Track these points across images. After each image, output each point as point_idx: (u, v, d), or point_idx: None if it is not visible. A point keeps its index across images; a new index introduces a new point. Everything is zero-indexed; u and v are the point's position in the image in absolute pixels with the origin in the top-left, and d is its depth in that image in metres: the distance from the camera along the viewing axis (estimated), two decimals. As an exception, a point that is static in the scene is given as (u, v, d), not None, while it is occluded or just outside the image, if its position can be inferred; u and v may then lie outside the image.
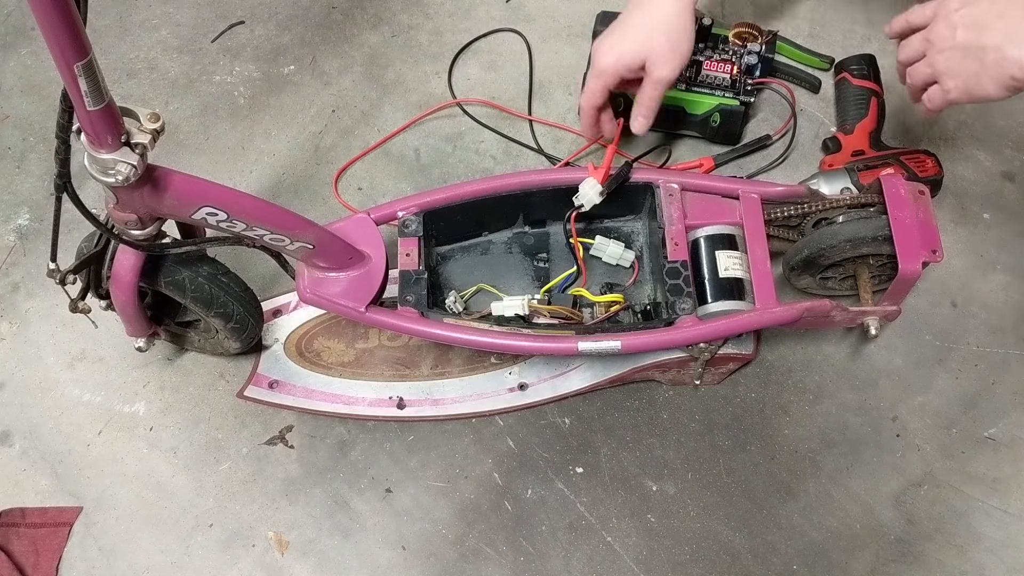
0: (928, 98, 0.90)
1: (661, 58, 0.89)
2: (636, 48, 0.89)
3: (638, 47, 0.89)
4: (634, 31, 0.90)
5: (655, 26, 0.89)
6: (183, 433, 1.05)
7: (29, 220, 1.19)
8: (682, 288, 0.92)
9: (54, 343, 1.11)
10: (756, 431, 1.05)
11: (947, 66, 0.86)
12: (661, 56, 0.89)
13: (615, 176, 0.95)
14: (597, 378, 1.04)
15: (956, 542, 0.99)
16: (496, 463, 1.03)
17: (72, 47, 0.59)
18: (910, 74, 0.91)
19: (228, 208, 0.78)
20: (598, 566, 0.98)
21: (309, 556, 0.99)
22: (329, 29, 1.33)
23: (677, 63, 0.89)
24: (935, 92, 0.89)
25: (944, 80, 0.87)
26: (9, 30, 1.34)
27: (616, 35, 0.92)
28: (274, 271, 1.09)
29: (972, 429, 1.04)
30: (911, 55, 0.90)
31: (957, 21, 0.85)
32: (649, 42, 0.89)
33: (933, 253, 0.92)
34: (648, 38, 0.89)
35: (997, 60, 0.81)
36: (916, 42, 0.89)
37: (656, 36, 0.88)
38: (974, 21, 0.83)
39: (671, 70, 0.89)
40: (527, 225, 1.05)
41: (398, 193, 1.20)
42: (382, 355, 1.07)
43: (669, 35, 0.88)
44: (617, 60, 0.90)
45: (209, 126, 1.26)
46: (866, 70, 1.20)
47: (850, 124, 1.18)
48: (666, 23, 0.88)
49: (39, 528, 1.00)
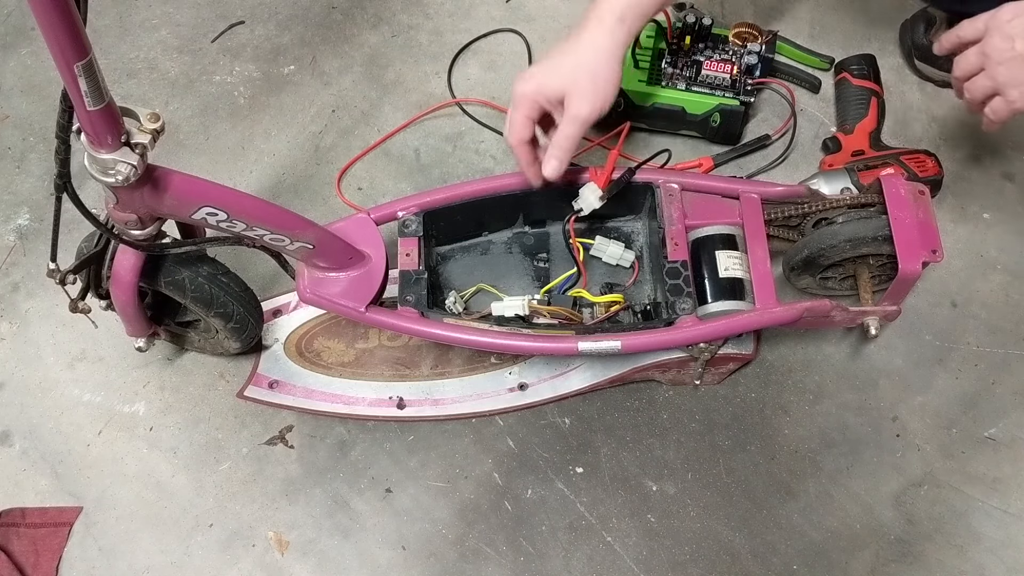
0: (992, 110, 0.90)
1: (582, 94, 0.84)
2: (557, 80, 0.85)
3: (560, 80, 0.85)
4: (558, 64, 0.86)
5: (581, 63, 0.85)
6: (183, 433, 1.05)
7: (29, 220, 1.19)
8: (682, 288, 0.92)
9: (54, 343, 1.11)
10: (756, 431, 1.05)
11: (1009, 76, 0.86)
12: (582, 92, 0.84)
13: (616, 182, 0.95)
14: (597, 378, 1.04)
15: (956, 542, 0.99)
16: (496, 463, 1.03)
17: (72, 47, 0.59)
18: (969, 88, 0.91)
19: (228, 208, 0.78)
20: (598, 566, 0.98)
21: (309, 556, 0.99)
22: (329, 29, 1.33)
23: (598, 104, 0.85)
24: (999, 103, 0.89)
25: (1007, 91, 0.87)
26: (9, 30, 1.34)
27: (538, 67, 0.88)
28: (274, 271, 1.09)
29: (972, 429, 1.04)
30: (968, 69, 0.90)
31: (1013, 32, 0.85)
32: (572, 76, 0.84)
33: (933, 253, 0.92)
34: (571, 72, 0.85)
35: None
36: (972, 56, 0.89)
37: (580, 72, 0.84)
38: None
39: (590, 109, 0.84)
40: (527, 225, 1.05)
41: (398, 193, 1.20)
42: (382, 355, 1.07)
43: (594, 75, 0.84)
44: (537, 90, 0.85)
45: (209, 126, 1.26)
46: (866, 70, 1.20)
47: (850, 124, 1.18)
48: (593, 62, 0.85)
49: (39, 528, 1.00)
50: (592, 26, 0.86)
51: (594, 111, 0.85)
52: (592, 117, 0.85)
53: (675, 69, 1.16)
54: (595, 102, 0.85)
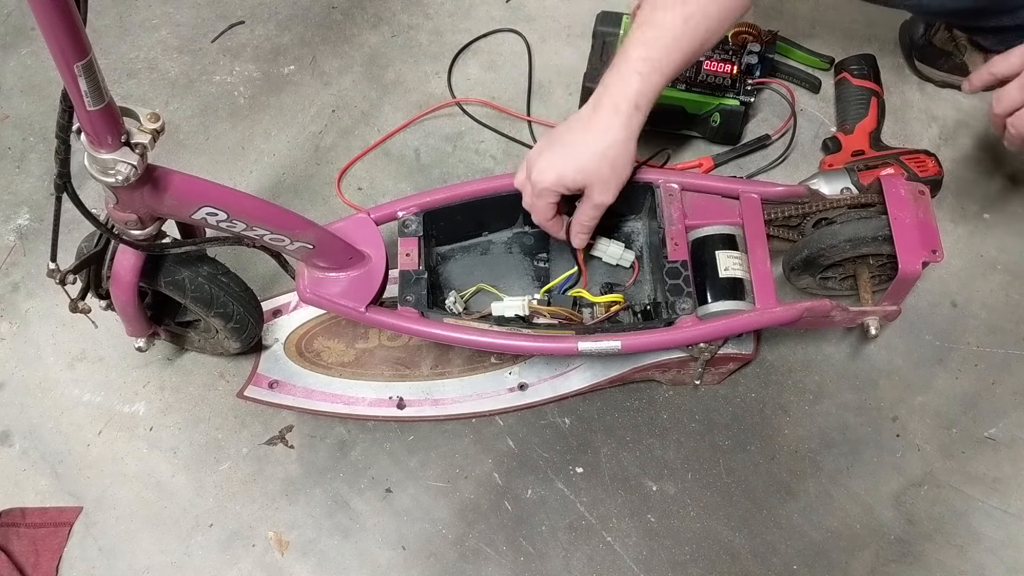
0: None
1: (604, 184, 0.86)
2: (579, 174, 0.86)
3: (582, 174, 0.86)
4: (576, 154, 0.86)
5: (599, 153, 0.85)
6: (183, 433, 1.05)
7: (29, 220, 1.19)
8: (682, 288, 0.92)
9: (54, 343, 1.11)
10: (756, 431, 1.05)
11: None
12: (604, 182, 0.86)
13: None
14: (597, 378, 1.04)
15: (956, 542, 0.99)
16: (496, 463, 1.03)
17: (72, 47, 0.59)
18: (1014, 123, 0.90)
19: (228, 208, 0.78)
20: (598, 566, 0.98)
21: (309, 556, 0.99)
22: (329, 29, 1.33)
23: (618, 190, 0.88)
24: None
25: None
26: (9, 30, 1.34)
27: (557, 155, 0.87)
28: (274, 271, 1.09)
29: (972, 429, 1.04)
30: (1010, 105, 0.89)
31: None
32: (592, 168, 0.86)
33: (933, 253, 0.92)
34: (591, 164, 0.86)
35: None
36: (1014, 92, 0.88)
37: (600, 164, 0.86)
38: None
39: (611, 196, 0.88)
40: (527, 225, 1.05)
41: (398, 193, 1.20)
42: (382, 355, 1.07)
43: (614, 164, 0.85)
44: (557, 182, 0.87)
45: (209, 126, 1.26)
46: (866, 70, 1.20)
47: (850, 124, 1.18)
48: (612, 153, 0.85)
49: (39, 528, 1.00)
50: (608, 115, 0.86)
51: (614, 196, 0.88)
52: (611, 201, 0.89)
53: (675, 69, 1.16)
54: (615, 188, 0.88)
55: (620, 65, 0.86)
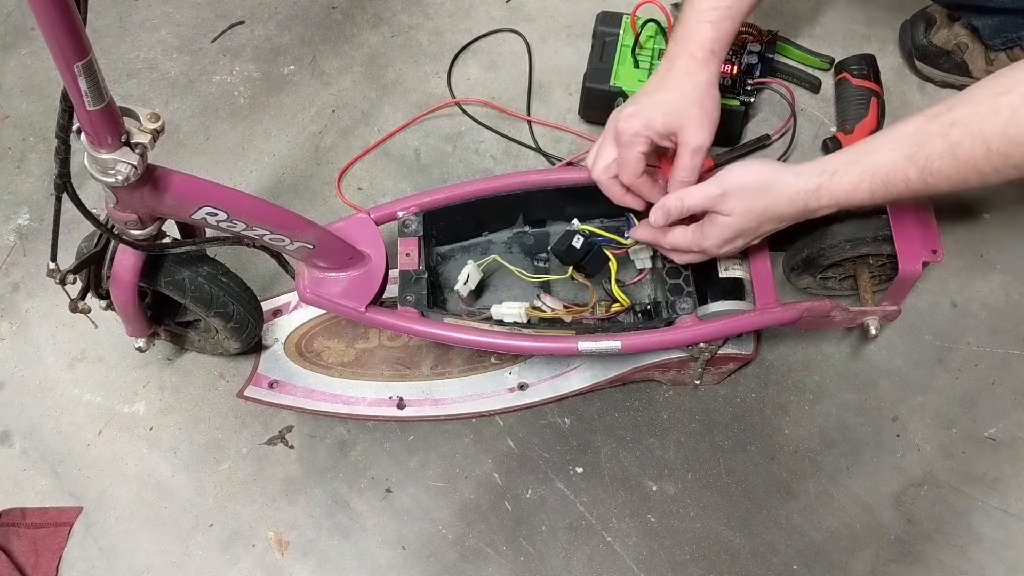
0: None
1: (697, 124, 0.85)
2: (668, 116, 0.84)
3: (667, 115, 0.85)
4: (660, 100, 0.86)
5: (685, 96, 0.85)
6: (183, 433, 1.05)
7: (29, 220, 1.19)
8: (682, 288, 0.92)
9: (54, 343, 1.11)
10: (756, 431, 1.05)
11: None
12: (696, 122, 0.85)
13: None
14: (597, 378, 1.04)
15: (956, 542, 0.99)
16: (496, 463, 1.03)
17: (72, 47, 0.59)
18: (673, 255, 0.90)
19: (228, 208, 0.78)
20: (598, 566, 0.98)
21: (309, 556, 0.99)
22: (329, 29, 1.33)
23: (713, 131, 0.86)
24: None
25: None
26: (9, 30, 1.34)
27: (638, 104, 0.86)
28: (274, 271, 1.09)
29: (972, 429, 1.04)
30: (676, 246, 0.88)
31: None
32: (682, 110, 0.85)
33: (933, 253, 0.91)
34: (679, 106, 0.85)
35: None
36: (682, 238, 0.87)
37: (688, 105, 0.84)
38: None
39: (707, 136, 0.85)
40: (527, 225, 1.05)
41: (398, 193, 1.20)
42: (382, 355, 1.07)
43: (702, 105, 0.85)
44: (646, 125, 0.85)
45: (209, 126, 1.26)
46: (866, 70, 1.20)
47: (850, 124, 1.18)
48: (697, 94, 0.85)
49: (39, 528, 1.00)
50: (685, 61, 0.86)
51: (710, 138, 0.86)
52: (708, 144, 0.86)
53: (675, 69, 1.16)
54: (710, 129, 0.86)
55: (689, 17, 0.87)
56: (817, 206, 0.80)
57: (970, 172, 0.72)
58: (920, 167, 0.73)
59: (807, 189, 0.79)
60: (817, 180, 0.78)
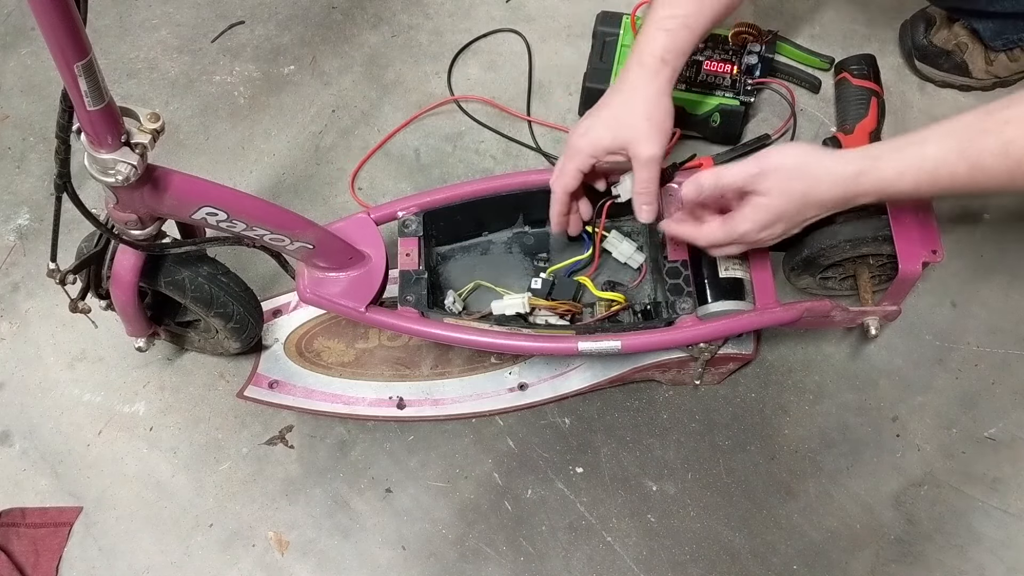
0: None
1: (644, 138, 0.83)
2: (613, 132, 0.84)
3: (615, 131, 0.84)
4: (610, 116, 0.86)
5: (632, 110, 0.84)
6: (183, 433, 1.05)
7: (29, 220, 1.19)
8: (682, 288, 0.92)
9: (54, 343, 1.11)
10: (756, 431, 1.05)
11: None
12: (644, 136, 0.83)
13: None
14: (597, 378, 1.04)
15: (956, 542, 0.99)
16: (496, 463, 1.03)
17: (72, 47, 0.59)
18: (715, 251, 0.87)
19: (228, 208, 0.78)
20: (598, 566, 0.98)
21: (309, 556, 0.99)
22: (329, 29, 1.33)
23: (662, 141, 0.84)
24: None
25: None
26: (9, 30, 1.34)
27: (591, 120, 0.87)
28: (274, 271, 1.09)
29: (972, 429, 1.04)
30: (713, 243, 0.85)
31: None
32: (628, 125, 0.84)
33: (933, 253, 0.91)
34: (626, 121, 0.84)
35: None
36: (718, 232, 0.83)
37: (635, 119, 0.84)
38: None
39: (657, 149, 0.83)
40: (527, 225, 1.05)
41: (398, 193, 1.20)
42: (382, 355, 1.07)
43: (650, 117, 0.84)
44: (594, 143, 0.85)
45: (209, 126, 1.26)
46: (866, 70, 1.20)
47: (850, 124, 1.17)
48: (644, 105, 0.84)
49: (39, 528, 1.00)
50: (635, 71, 0.85)
51: (662, 147, 0.84)
52: (661, 153, 0.85)
53: (675, 69, 1.16)
54: (660, 140, 0.84)
55: (647, 25, 0.86)
56: (858, 192, 0.77)
57: (1020, 172, 0.70)
58: (970, 163, 0.71)
59: (848, 174, 0.76)
60: (859, 165, 0.76)
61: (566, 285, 0.99)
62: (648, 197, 0.86)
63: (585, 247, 1.02)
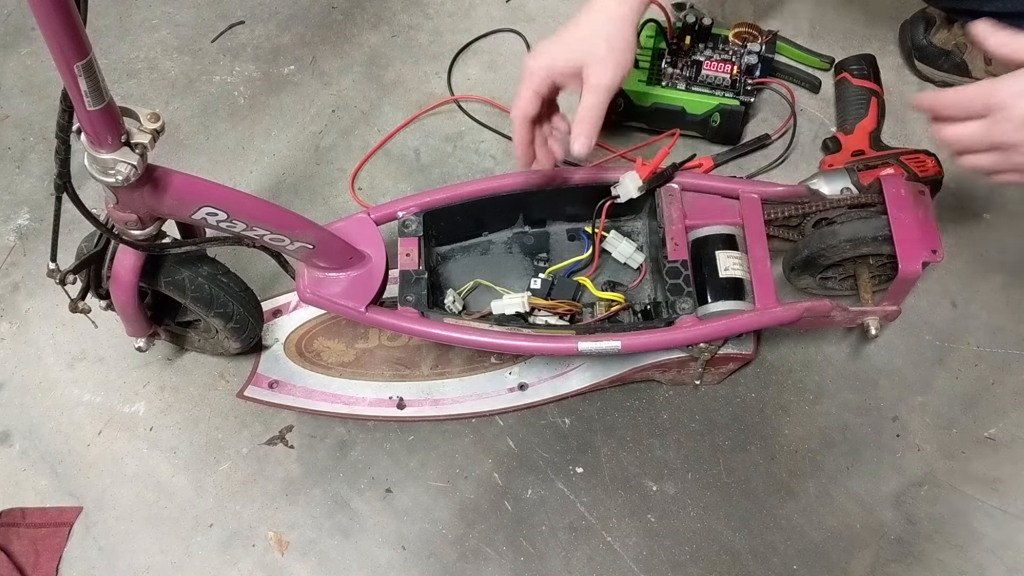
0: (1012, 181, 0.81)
1: (601, 62, 0.80)
2: (571, 52, 0.81)
3: (573, 51, 0.82)
4: (570, 36, 0.83)
5: (594, 32, 0.81)
6: (183, 433, 1.05)
7: (29, 220, 1.19)
8: (682, 288, 0.92)
9: (54, 343, 1.11)
10: (756, 431, 1.05)
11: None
12: (601, 60, 0.80)
13: (658, 175, 0.95)
14: (597, 378, 1.04)
15: (956, 542, 0.99)
16: (496, 463, 1.03)
17: (72, 47, 0.59)
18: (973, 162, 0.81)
19: (228, 208, 0.78)
20: (598, 566, 0.98)
21: (309, 556, 0.99)
22: (329, 29, 1.33)
23: (619, 71, 0.81)
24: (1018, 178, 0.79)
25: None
26: (9, 30, 1.34)
27: (550, 41, 0.85)
28: (274, 271, 1.09)
29: (972, 429, 1.04)
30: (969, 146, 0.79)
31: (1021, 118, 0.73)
32: (587, 46, 0.81)
33: (933, 253, 0.92)
34: (586, 42, 0.81)
35: None
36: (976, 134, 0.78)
37: (595, 41, 0.81)
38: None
39: (612, 76, 0.81)
40: (527, 225, 1.05)
41: (398, 193, 1.20)
42: (382, 355, 1.07)
43: (610, 42, 0.81)
44: (550, 63, 0.82)
45: (209, 126, 1.26)
46: (866, 70, 1.20)
47: (850, 124, 1.18)
48: (607, 30, 0.81)
49: (39, 528, 1.00)
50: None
51: (616, 78, 0.81)
52: (614, 84, 0.81)
53: (675, 69, 1.16)
54: (615, 68, 0.81)
55: None
56: None
57: None
58: None
59: None
60: None
61: (566, 285, 0.99)
62: (587, 127, 0.82)
63: (585, 247, 1.02)
